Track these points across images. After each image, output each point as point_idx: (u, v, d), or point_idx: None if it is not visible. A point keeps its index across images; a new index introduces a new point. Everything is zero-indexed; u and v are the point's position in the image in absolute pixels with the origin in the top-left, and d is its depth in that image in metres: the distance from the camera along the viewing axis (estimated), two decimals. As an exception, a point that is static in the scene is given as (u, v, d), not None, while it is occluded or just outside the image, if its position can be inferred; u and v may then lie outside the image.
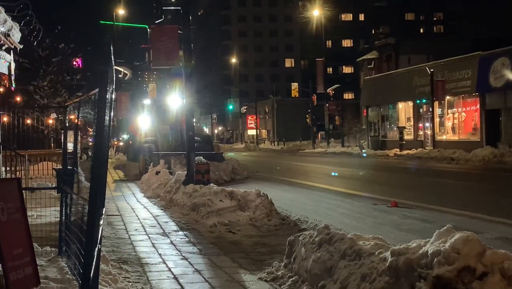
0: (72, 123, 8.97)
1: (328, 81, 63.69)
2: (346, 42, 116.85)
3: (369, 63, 64.48)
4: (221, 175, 22.78)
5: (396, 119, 47.52)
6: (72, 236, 6.66)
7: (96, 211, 3.33)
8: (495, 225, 11.14)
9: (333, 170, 27.60)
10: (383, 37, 67.36)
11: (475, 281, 4.89)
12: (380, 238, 6.61)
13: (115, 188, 20.90)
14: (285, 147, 66.51)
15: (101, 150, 3.33)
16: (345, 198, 16.46)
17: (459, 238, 5.11)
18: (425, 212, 13.11)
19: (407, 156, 37.38)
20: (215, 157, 24.14)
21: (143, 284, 7.14)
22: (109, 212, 13.88)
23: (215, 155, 24.78)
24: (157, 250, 9.31)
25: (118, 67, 35.69)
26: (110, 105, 3.93)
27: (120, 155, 45.04)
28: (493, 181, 21.38)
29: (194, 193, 13.75)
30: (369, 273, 5.68)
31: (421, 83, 42.38)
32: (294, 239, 7.51)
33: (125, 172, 28.00)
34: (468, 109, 38.73)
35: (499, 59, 34.76)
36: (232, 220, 12.00)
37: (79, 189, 7.58)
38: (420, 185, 20.16)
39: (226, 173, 23.30)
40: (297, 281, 6.80)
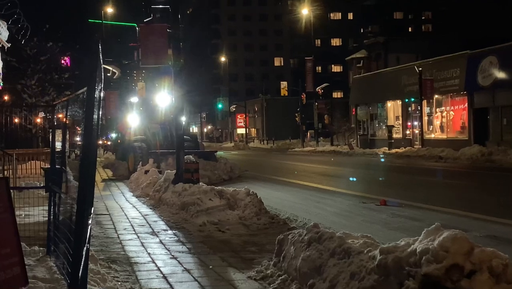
0: (61, 122, 8.93)
1: (317, 80, 63.81)
2: (335, 41, 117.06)
3: (358, 62, 64.69)
4: (220, 174, 22.76)
5: (385, 118, 47.68)
6: (61, 236, 6.63)
7: (84, 210, 3.31)
8: (483, 223, 11.20)
9: (322, 168, 27.63)
10: (372, 36, 67.62)
11: (463, 279, 4.91)
12: (369, 237, 6.63)
13: (104, 187, 20.83)
14: (274, 146, 66.53)
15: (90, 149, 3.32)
16: (334, 196, 16.48)
17: (448, 236, 5.13)
18: (414, 210, 13.15)
19: (395, 155, 37.50)
20: (209, 156, 24.10)
21: (132, 283, 7.12)
22: (98, 211, 13.84)
23: (209, 154, 24.73)
24: (146, 249, 9.29)
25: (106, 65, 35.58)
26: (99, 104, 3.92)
27: (109, 154, 44.92)
28: (481, 179, 21.49)
29: (183, 192, 13.73)
30: (358, 271, 5.70)
31: (409, 82, 42.54)
32: (283, 237, 7.52)
33: (114, 171, 27.90)
34: (456, 108, 38.92)
35: (487, 58, 34.94)
36: (222, 219, 11.99)
37: (67, 188, 7.54)
38: (408, 183, 20.22)
39: (225, 172, 23.27)
40: (287, 279, 6.80)
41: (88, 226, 3.64)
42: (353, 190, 17.49)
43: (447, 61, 39.21)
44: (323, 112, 63.04)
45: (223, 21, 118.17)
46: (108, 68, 36.61)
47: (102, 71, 4.16)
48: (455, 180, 21.23)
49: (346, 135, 58.36)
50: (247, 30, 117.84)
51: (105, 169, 30.46)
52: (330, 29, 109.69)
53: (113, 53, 38.56)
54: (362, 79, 53.63)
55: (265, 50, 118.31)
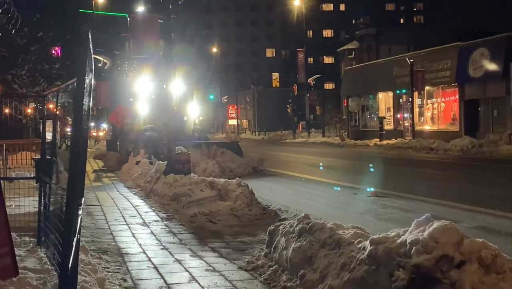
0: (51, 113, 8.89)
1: (309, 71, 63.86)
2: (327, 32, 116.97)
3: (350, 53, 64.73)
4: (245, 167, 21.74)
5: (376, 110, 47.76)
6: (51, 226, 6.62)
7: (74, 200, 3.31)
8: (473, 214, 11.26)
9: (314, 160, 27.67)
10: (363, 28, 67.56)
11: (453, 270, 4.94)
12: (360, 227, 6.65)
13: (95, 178, 20.79)
14: (266, 137, 66.58)
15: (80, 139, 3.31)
16: (325, 187, 16.52)
17: (438, 227, 5.15)
18: (405, 201, 13.21)
19: (387, 146, 37.60)
20: (232, 147, 23.21)
21: (123, 274, 7.12)
22: (89, 202, 13.82)
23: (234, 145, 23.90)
24: (137, 240, 9.28)
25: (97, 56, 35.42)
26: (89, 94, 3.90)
27: (100, 144, 44.81)
28: (471, 170, 21.59)
29: (174, 183, 13.72)
30: (348, 262, 5.72)
31: (401, 73, 42.60)
32: (274, 228, 7.53)
33: (105, 162, 27.84)
34: (447, 100, 39.03)
35: (478, 50, 35.03)
36: (213, 209, 12.00)
37: (58, 179, 7.52)
38: (399, 174, 20.29)
39: (253, 164, 22.30)
40: (277, 270, 6.82)
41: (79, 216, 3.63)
42: (344, 181, 17.53)
43: (439, 53, 39.28)
44: (314, 104, 63.08)
45: (214, 12, 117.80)
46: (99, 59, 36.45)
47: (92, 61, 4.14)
48: (445, 171, 21.32)
49: (337, 127, 58.45)
50: (239, 20, 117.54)
51: (96, 160, 30.39)
52: (322, 20, 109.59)
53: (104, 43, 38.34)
54: (354, 71, 53.66)
55: (256, 41, 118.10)
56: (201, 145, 22.31)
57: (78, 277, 5.41)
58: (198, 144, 22.46)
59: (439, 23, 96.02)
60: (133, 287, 6.56)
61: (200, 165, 20.06)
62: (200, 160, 20.69)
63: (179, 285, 6.59)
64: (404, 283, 5.06)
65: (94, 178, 20.96)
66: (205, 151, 21.91)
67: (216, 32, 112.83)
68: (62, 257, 3.46)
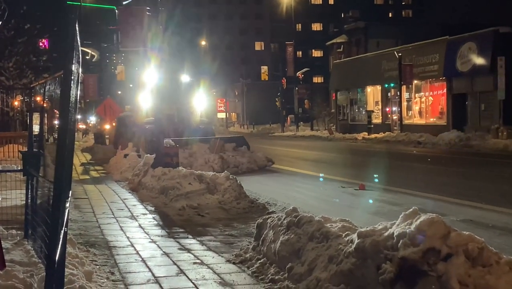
0: (38, 105, 8.85)
1: (297, 64, 63.88)
2: (316, 26, 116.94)
3: (339, 47, 64.80)
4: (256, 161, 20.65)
5: (365, 103, 47.86)
6: (38, 219, 6.60)
7: (61, 192, 3.29)
8: (460, 207, 11.32)
9: (302, 153, 27.69)
10: (352, 21, 67.64)
11: (440, 263, 4.97)
12: (348, 221, 6.67)
13: (83, 171, 20.71)
14: (254, 130, 66.58)
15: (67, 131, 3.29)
16: (313, 181, 16.55)
17: (425, 220, 5.18)
18: (392, 194, 13.26)
19: (375, 140, 37.70)
20: (239, 142, 22.01)
21: (110, 267, 7.11)
22: (76, 195, 13.77)
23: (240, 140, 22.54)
24: (125, 233, 9.26)
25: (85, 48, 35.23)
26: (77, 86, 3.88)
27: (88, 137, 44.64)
28: (459, 164, 21.71)
29: (162, 176, 13.69)
30: (336, 254, 5.74)
31: (389, 67, 42.70)
32: (262, 221, 7.54)
33: (93, 155, 27.75)
34: (435, 94, 39.18)
35: (466, 44, 35.17)
36: (201, 203, 12.00)
37: (45, 172, 7.49)
38: (387, 168, 20.36)
39: (262, 160, 21.02)
40: (265, 263, 6.83)
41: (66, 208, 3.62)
42: (332, 175, 17.56)
43: (427, 47, 39.40)
44: (303, 97, 63.13)
45: (203, 5, 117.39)
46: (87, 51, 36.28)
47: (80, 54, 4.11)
48: (433, 165, 21.42)
49: (326, 120, 58.54)
50: (228, 14, 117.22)
51: (84, 153, 30.28)
52: (311, 13, 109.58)
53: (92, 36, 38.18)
54: (342, 64, 53.73)
55: (245, 35, 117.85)
56: (209, 140, 21.17)
57: (66, 270, 5.39)
58: (205, 139, 21.33)
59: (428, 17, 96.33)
60: (121, 280, 6.55)
61: (198, 160, 19.31)
62: (204, 154, 19.90)
63: (167, 278, 6.58)
64: (391, 276, 5.09)
65: (82, 171, 20.88)
66: (213, 146, 20.82)
67: (205, 25, 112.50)
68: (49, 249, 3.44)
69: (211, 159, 19.51)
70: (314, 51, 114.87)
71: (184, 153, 19.36)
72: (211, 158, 19.51)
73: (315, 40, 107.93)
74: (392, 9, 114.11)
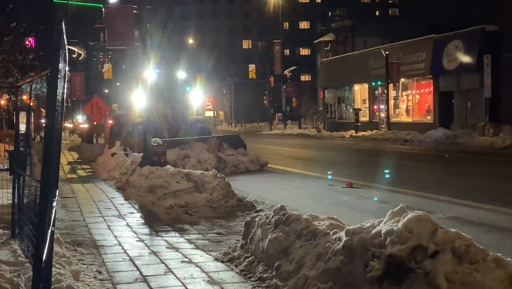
0: (25, 104, 8.79)
1: (285, 63, 63.86)
2: (303, 24, 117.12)
3: (326, 45, 64.84)
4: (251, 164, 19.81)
5: (352, 101, 47.97)
6: (25, 218, 6.56)
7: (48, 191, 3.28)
8: (447, 205, 11.38)
9: (290, 151, 27.71)
10: (339, 20, 67.82)
11: (427, 260, 4.99)
12: (335, 218, 6.69)
13: (70, 170, 20.62)
14: (242, 129, 66.54)
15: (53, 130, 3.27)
16: (301, 179, 16.57)
17: (412, 217, 5.20)
18: (380, 192, 13.30)
19: (362, 138, 37.81)
20: (237, 142, 21.16)
21: (98, 266, 7.08)
22: (64, 194, 13.71)
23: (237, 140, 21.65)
24: (113, 232, 9.24)
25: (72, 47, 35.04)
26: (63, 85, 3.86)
27: (75, 136, 44.43)
28: (445, 162, 21.81)
29: (150, 175, 13.66)
30: (324, 252, 5.75)
31: (376, 65, 42.82)
32: (250, 220, 7.54)
33: (80, 154, 27.62)
34: (422, 92, 39.34)
35: (453, 42, 35.34)
36: (189, 201, 11.97)
37: (32, 171, 7.45)
38: (374, 166, 20.41)
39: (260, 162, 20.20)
40: (254, 261, 6.84)
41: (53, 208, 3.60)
42: (320, 173, 17.60)
43: (413, 45, 39.54)
44: (291, 96, 63.19)
45: (191, 3, 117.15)
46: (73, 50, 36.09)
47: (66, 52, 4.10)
48: (420, 162, 21.51)
49: (313, 119, 58.62)
50: (215, 12, 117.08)
51: (71, 152, 30.13)
52: (298, 12, 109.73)
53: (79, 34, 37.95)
54: (330, 63, 53.81)
55: (233, 33, 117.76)
56: (206, 139, 20.45)
57: (53, 269, 5.37)
58: (201, 139, 20.55)
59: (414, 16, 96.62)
60: (109, 279, 6.53)
61: (191, 160, 18.70)
62: (200, 153, 19.30)
63: (155, 277, 6.57)
64: (378, 273, 5.11)
65: (69, 170, 20.78)
66: (210, 145, 20.15)
67: (192, 24, 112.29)
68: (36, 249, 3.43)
69: (205, 158, 18.93)
70: (301, 50, 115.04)
71: (179, 153, 18.99)
72: (206, 157, 18.95)
73: (303, 38, 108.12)
74: (379, 7, 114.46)
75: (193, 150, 19.53)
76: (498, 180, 15.32)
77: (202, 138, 20.75)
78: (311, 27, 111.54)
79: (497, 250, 5.56)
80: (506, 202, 11.30)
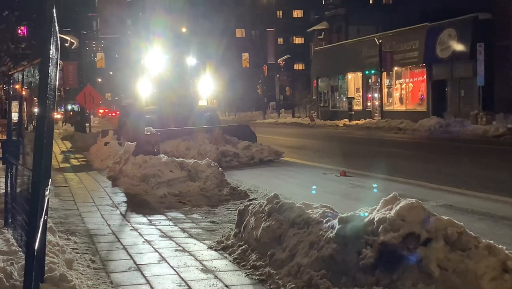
0: (17, 93, 8.75)
1: (278, 51, 63.78)
2: (297, 13, 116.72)
3: (320, 34, 64.74)
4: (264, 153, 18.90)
5: (346, 90, 48.01)
6: (18, 208, 6.54)
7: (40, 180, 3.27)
8: (440, 192, 11.42)
9: (283, 140, 27.72)
10: (333, 8, 67.54)
11: (419, 247, 5.02)
12: (329, 207, 6.70)
13: (63, 159, 20.58)
14: (236, 117, 66.49)
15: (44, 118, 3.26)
16: (295, 168, 16.59)
17: (404, 205, 5.22)
18: (373, 180, 13.30)
19: (356, 126, 37.84)
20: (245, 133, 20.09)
21: (92, 255, 7.08)
22: (57, 183, 13.69)
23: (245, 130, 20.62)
24: (106, 221, 9.23)
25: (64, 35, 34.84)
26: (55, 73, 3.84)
27: (68, 125, 44.32)
28: (438, 150, 21.86)
29: (144, 164, 13.64)
30: (317, 240, 5.77)
31: (370, 54, 42.82)
32: (244, 208, 7.55)
33: (73, 143, 27.57)
34: (415, 80, 39.40)
35: (446, 31, 35.36)
36: (183, 190, 11.97)
37: (24, 160, 7.42)
38: (368, 154, 20.46)
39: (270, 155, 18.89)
40: (247, 249, 6.85)
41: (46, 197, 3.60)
42: (314, 161, 17.62)
43: (407, 34, 39.54)
44: (284, 84, 63.21)
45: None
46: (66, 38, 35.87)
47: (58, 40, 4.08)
48: (413, 151, 21.56)
49: (307, 107, 58.64)
50: (208, 0, 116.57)
51: (64, 141, 30.06)
52: (291, 0, 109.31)
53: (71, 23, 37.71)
54: (323, 51, 53.77)
55: (226, 21, 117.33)
56: (211, 130, 19.31)
57: (46, 258, 5.38)
58: (206, 129, 19.56)
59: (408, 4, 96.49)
60: (102, 268, 6.53)
61: (191, 152, 17.88)
62: (202, 144, 18.38)
63: (149, 266, 6.58)
64: (371, 261, 5.13)
65: (62, 159, 20.74)
66: (212, 136, 18.98)
67: (185, 12, 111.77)
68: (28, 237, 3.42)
69: (207, 150, 17.90)
70: (295, 38, 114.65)
71: (180, 145, 18.26)
72: (207, 149, 17.93)
73: (296, 27, 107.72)
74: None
75: (195, 141, 18.72)
76: (491, 168, 15.39)
77: (207, 128, 19.66)
78: (305, 16, 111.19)
79: (489, 238, 5.58)
80: (499, 190, 11.35)
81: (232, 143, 19.06)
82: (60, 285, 5.17)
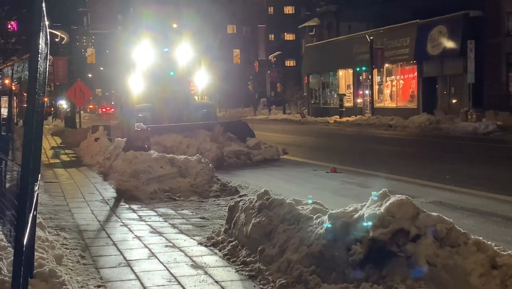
0: (7, 88, 8.70)
1: (270, 48, 63.77)
2: (288, 9, 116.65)
3: (311, 30, 64.75)
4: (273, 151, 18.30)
5: (337, 87, 48.05)
6: (8, 203, 6.51)
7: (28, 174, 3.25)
8: (429, 189, 11.47)
9: (274, 136, 27.74)
10: (324, 5, 67.56)
11: (409, 243, 5.04)
12: (319, 203, 6.71)
13: (53, 155, 20.50)
14: (226, 114, 66.43)
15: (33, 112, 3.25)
16: (285, 164, 16.60)
17: (394, 201, 5.23)
18: (363, 177, 13.36)
19: (347, 123, 37.90)
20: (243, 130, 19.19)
21: (81, 250, 7.07)
22: (46, 178, 13.64)
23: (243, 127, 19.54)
24: (96, 217, 9.21)
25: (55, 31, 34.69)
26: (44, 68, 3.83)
27: (58, 121, 44.15)
28: (429, 146, 21.95)
29: (134, 160, 13.59)
30: (307, 236, 5.77)
31: (360, 51, 42.86)
32: (234, 204, 7.55)
33: (63, 139, 27.46)
34: (406, 77, 39.49)
35: (437, 28, 35.46)
36: (173, 186, 11.95)
37: (14, 155, 7.39)
38: (358, 151, 20.51)
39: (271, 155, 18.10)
40: (237, 245, 6.85)
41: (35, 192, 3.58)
42: (304, 158, 17.64)
43: (398, 30, 39.61)
44: (275, 81, 63.21)
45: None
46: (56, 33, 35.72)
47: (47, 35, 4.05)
48: (403, 147, 21.63)
49: (298, 104, 58.67)
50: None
51: (54, 136, 29.95)
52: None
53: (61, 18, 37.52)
54: (314, 48, 53.78)
55: (217, 17, 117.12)
56: (210, 126, 18.42)
57: (35, 253, 5.36)
58: (204, 126, 18.67)
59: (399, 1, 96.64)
60: (92, 263, 6.52)
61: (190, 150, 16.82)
62: (202, 142, 17.61)
63: (138, 261, 6.57)
64: (361, 257, 5.14)
65: (52, 154, 20.66)
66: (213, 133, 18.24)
67: (175, 8, 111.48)
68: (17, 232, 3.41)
69: (207, 148, 17.15)
70: (286, 35, 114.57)
71: (183, 141, 17.52)
72: (208, 147, 17.22)
73: (287, 23, 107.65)
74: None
75: (196, 139, 17.92)
76: (480, 165, 15.46)
77: (205, 125, 18.71)
78: (296, 12, 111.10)
79: (478, 234, 5.61)
80: (488, 187, 11.42)
81: (235, 141, 18.43)
82: (49, 281, 5.15)
